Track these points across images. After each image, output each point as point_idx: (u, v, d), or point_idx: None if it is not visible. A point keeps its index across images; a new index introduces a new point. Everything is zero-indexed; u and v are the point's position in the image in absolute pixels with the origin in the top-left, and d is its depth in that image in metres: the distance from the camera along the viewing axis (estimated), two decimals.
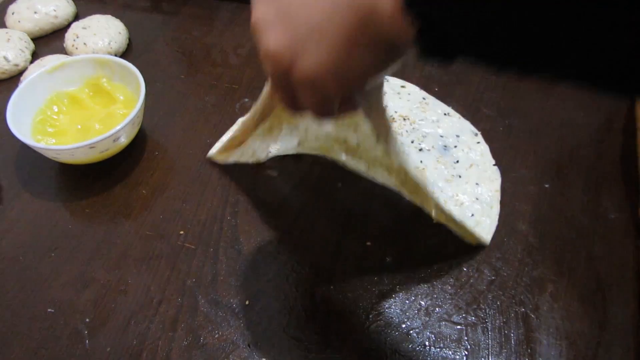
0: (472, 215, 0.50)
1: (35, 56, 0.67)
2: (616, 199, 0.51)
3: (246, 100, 0.61)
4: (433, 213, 0.47)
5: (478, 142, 0.55)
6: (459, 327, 0.44)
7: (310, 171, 0.54)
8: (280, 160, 0.55)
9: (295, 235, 0.49)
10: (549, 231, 0.49)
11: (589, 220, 0.50)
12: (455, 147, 0.55)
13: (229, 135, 0.53)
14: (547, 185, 0.52)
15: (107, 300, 0.45)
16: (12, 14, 0.70)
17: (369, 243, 0.49)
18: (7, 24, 0.70)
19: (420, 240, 0.49)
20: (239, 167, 0.54)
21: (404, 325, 0.44)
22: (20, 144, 0.56)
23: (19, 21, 0.69)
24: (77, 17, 0.72)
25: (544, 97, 0.60)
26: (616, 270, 0.46)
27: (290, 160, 0.55)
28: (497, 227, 0.49)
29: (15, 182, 0.54)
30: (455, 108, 0.59)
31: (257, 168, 0.54)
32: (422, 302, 0.45)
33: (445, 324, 0.44)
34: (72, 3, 0.73)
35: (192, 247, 0.49)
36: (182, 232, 0.50)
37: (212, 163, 0.55)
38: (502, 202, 0.51)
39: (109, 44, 0.65)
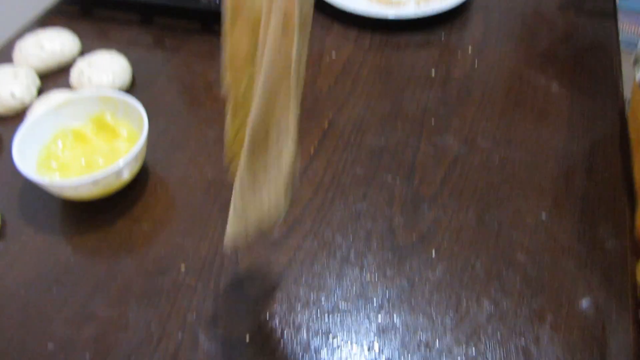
0: None
1: (41, 92, 0.69)
2: (612, 227, 0.52)
3: None
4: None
5: None
6: None
7: (309, 205, 0.55)
8: None
9: (296, 269, 0.50)
10: (547, 261, 0.50)
11: (586, 250, 0.50)
12: None
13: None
14: (543, 216, 0.53)
15: (108, 336, 0.46)
16: (20, 50, 0.72)
17: (369, 276, 0.49)
18: (15, 60, 0.72)
19: (420, 273, 0.49)
20: None
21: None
22: (24, 179, 0.57)
23: (26, 58, 0.71)
24: (82, 54, 0.74)
25: (538, 126, 0.61)
26: (615, 299, 0.47)
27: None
28: (496, 258, 0.50)
29: (18, 216, 0.55)
30: (451, 140, 0.60)
31: None
32: (423, 336, 0.45)
33: (445, 357, 0.44)
34: (78, 40, 0.75)
35: (193, 282, 0.49)
36: (183, 267, 0.50)
37: (214, 198, 0.56)
38: (499, 234, 0.52)
39: (113, 80, 0.67)
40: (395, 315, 0.46)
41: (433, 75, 0.68)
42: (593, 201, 0.54)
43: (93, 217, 0.55)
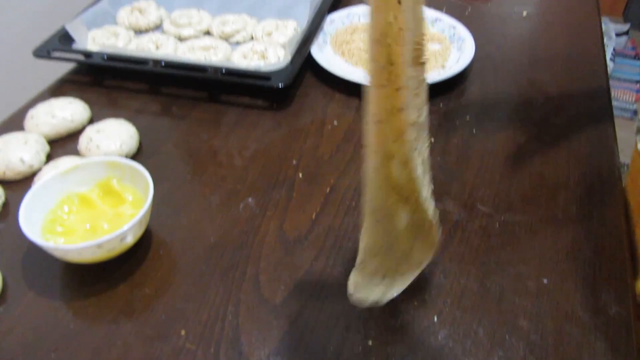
0: None
1: (49, 157, 0.70)
2: (615, 293, 0.51)
3: (249, 199, 0.63)
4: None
5: None
6: None
7: (310, 270, 0.55)
8: (281, 261, 0.56)
9: (296, 335, 0.49)
10: (550, 327, 0.49)
11: (590, 316, 0.50)
12: None
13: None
14: (545, 281, 0.53)
15: None
16: (31, 118, 0.74)
17: (370, 342, 0.49)
18: (26, 127, 0.74)
19: (422, 339, 0.49)
20: (241, 265, 0.55)
21: None
22: (28, 243, 0.57)
23: (37, 125, 0.73)
24: (92, 121, 0.76)
25: (537, 192, 0.62)
26: None
27: (291, 264, 0.56)
28: (498, 324, 0.49)
29: (21, 280, 0.55)
30: (451, 205, 0.61)
31: (258, 266, 0.55)
32: None
33: None
34: (88, 108, 0.77)
35: (193, 347, 0.48)
36: (183, 332, 0.50)
37: (216, 263, 0.56)
38: (501, 299, 0.51)
39: (121, 146, 0.69)
40: None
41: (433, 142, 0.70)
42: (594, 266, 0.54)
43: (95, 280, 0.55)
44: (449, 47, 0.88)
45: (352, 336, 0.49)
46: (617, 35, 2.43)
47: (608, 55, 2.20)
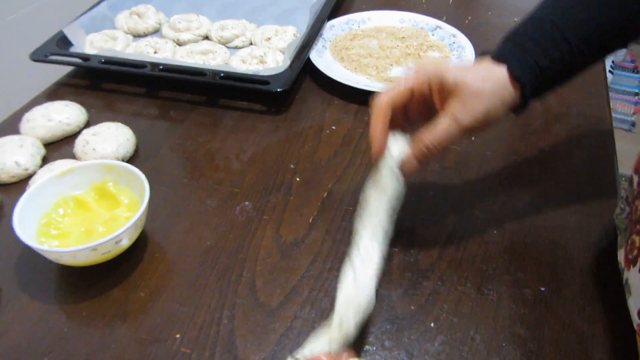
0: None
1: (45, 160, 0.70)
2: (614, 302, 0.51)
3: (246, 203, 0.62)
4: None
5: None
6: None
7: (307, 274, 0.54)
8: (277, 264, 0.56)
9: (292, 340, 0.49)
10: (548, 335, 0.49)
11: (587, 324, 0.50)
12: None
13: None
14: (543, 289, 0.52)
15: None
16: (27, 121, 0.74)
17: (367, 347, 0.48)
18: (22, 130, 0.74)
19: (419, 344, 0.48)
20: (237, 268, 0.55)
21: None
22: (23, 246, 0.57)
23: (33, 128, 0.73)
24: (88, 124, 0.76)
25: (535, 200, 0.62)
26: None
27: (287, 268, 0.56)
28: (496, 331, 0.49)
29: (14, 284, 0.55)
30: (449, 211, 0.61)
31: (254, 270, 0.55)
32: None
33: None
34: (85, 111, 0.77)
35: (188, 351, 0.48)
36: (178, 336, 0.49)
37: (212, 266, 0.56)
38: (498, 306, 0.51)
39: (117, 149, 0.68)
40: None
41: None
42: (593, 276, 0.54)
43: (90, 284, 0.54)
44: (449, 55, 0.88)
45: None
46: None
47: (607, 67, 2.22)
